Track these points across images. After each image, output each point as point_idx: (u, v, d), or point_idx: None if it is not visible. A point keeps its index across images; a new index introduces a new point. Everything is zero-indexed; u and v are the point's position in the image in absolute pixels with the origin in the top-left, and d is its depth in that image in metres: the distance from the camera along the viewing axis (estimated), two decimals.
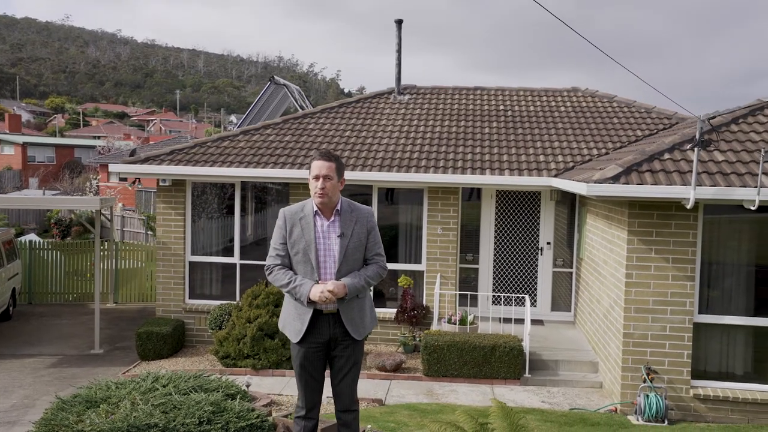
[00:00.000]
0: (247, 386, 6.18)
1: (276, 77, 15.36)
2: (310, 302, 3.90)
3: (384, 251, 4.22)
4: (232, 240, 11.75)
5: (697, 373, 8.19)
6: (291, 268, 4.08)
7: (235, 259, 11.70)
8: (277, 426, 4.64)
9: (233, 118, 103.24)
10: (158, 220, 11.68)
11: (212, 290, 11.86)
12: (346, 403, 4.09)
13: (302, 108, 15.30)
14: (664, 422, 7.88)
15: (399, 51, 13.86)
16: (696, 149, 7.34)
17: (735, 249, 8.16)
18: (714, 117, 8.25)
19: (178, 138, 46.16)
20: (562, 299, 11.74)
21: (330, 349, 4.04)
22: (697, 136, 7.35)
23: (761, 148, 8.22)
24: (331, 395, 4.20)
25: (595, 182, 7.65)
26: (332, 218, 4.06)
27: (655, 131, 12.09)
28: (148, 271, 15.85)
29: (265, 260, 4.09)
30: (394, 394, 8.85)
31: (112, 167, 11.57)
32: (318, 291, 3.87)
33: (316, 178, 3.99)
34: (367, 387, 9.08)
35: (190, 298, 11.82)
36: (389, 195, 11.61)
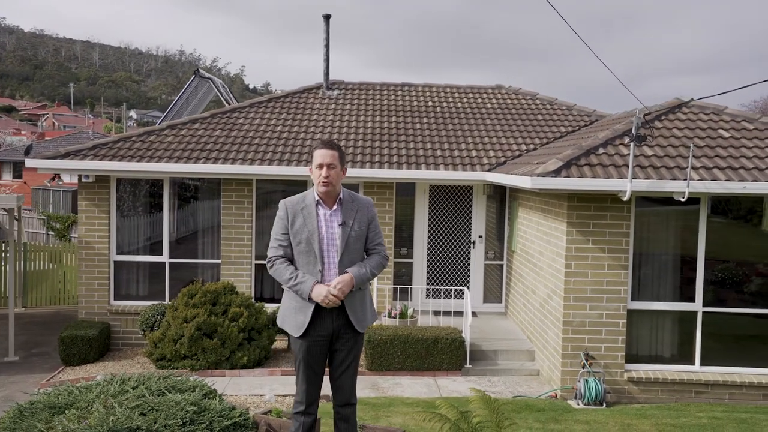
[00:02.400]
0: None
1: (201, 71, 14.92)
2: (311, 299, 3.84)
3: (384, 241, 4.21)
4: (160, 238, 11.33)
5: (630, 357, 8.64)
6: (292, 258, 4.00)
7: (164, 257, 11.30)
8: (259, 423, 4.53)
9: (133, 113, 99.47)
10: (81, 218, 11.10)
11: (140, 290, 11.40)
12: (346, 397, 4.05)
13: (228, 102, 14.94)
14: (602, 405, 8.25)
15: (327, 46, 13.78)
16: (633, 144, 7.72)
17: (662, 239, 8.65)
18: (650, 113, 8.71)
19: (77, 134, 43.88)
20: (493, 291, 12.06)
21: (332, 342, 3.99)
22: (634, 132, 7.73)
23: (685, 143, 8.77)
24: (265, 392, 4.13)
25: (538, 176, 7.91)
26: (334, 207, 4.02)
27: (578, 127, 12.62)
28: (60, 273, 15.02)
29: (197, 258, 4.00)
30: None
31: (30, 162, 10.89)
32: (322, 293, 3.81)
33: (320, 166, 3.94)
34: None
35: (115, 299, 11.31)
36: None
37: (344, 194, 4.07)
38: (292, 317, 3.96)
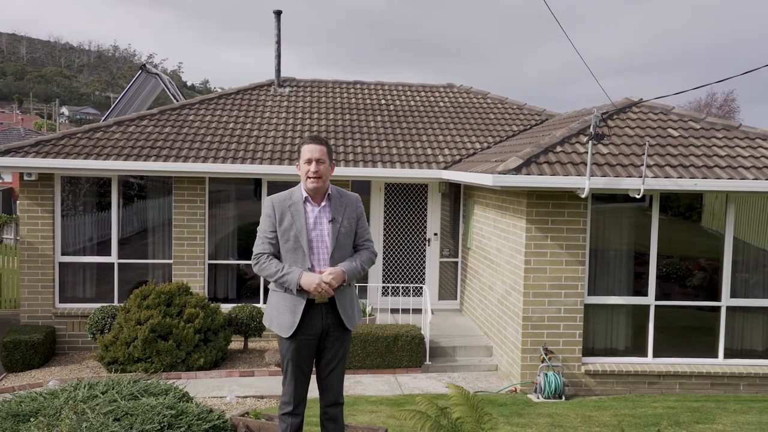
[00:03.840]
0: None
1: (147, 66, 14.49)
2: (300, 291, 3.74)
3: (371, 236, 4.16)
4: (108, 238, 10.96)
5: (587, 351, 8.83)
6: (278, 256, 3.91)
7: (113, 258, 10.93)
8: (237, 426, 4.41)
9: (65, 110, 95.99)
10: (23, 218, 10.63)
11: (86, 292, 11.00)
12: (334, 397, 3.99)
13: (176, 99, 14.56)
14: (561, 398, 8.41)
15: (278, 42, 13.61)
16: (591, 142, 7.88)
17: (616, 236, 8.87)
18: (607, 113, 8.91)
19: (7, 130, 42.08)
20: (448, 288, 12.14)
21: (320, 341, 3.91)
22: (592, 130, 7.90)
23: (637, 142, 9.02)
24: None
25: (499, 173, 7.99)
26: (323, 203, 3.94)
27: (529, 126, 12.82)
28: None
29: (147, 258, 3.88)
30: None
31: None
32: (314, 282, 3.70)
33: (309, 161, 3.86)
34: (271, 384, 8.87)
35: (61, 302, 10.89)
36: (257, 191, 11.32)
37: (332, 190, 4.00)
38: (280, 317, 3.86)
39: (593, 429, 7.06)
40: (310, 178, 3.85)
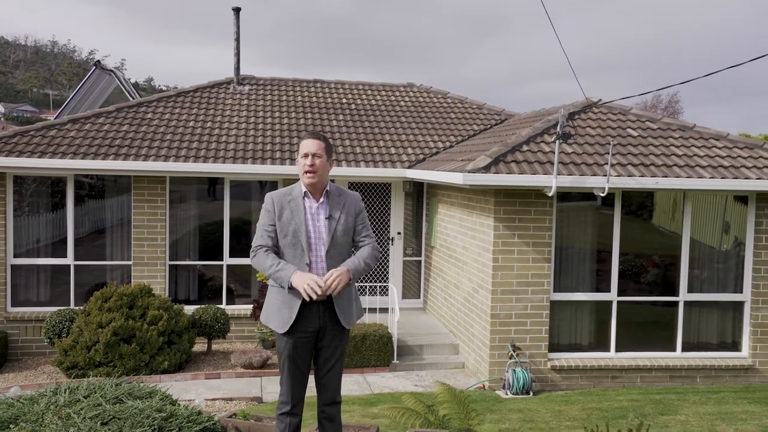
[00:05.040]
0: None
1: (102, 62, 14.07)
2: (292, 288, 3.68)
3: (372, 233, 4.10)
4: (64, 239, 10.62)
5: (553, 347, 8.99)
6: (277, 250, 3.86)
7: (69, 260, 10.60)
8: (227, 427, 4.33)
9: (0, 107, 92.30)
10: None
11: (41, 295, 10.64)
12: (332, 396, 3.95)
13: (131, 96, 14.20)
14: (529, 394, 8.54)
15: (237, 40, 13.42)
16: (558, 141, 8.04)
17: (580, 233, 9.06)
18: (573, 112, 9.09)
19: None
20: (412, 287, 12.19)
21: (317, 339, 3.87)
22: (559, 129, 8.05)
23: (599, 141, 9.23)
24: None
25: (469, 172, 8.07)
26: (321, 200, 3.91)
27: (489, 126, 12.99)
28: None
29: (105, 259, 3.79)
30: (270, 391, 8.61)
31: None
32: (304, 282, 3.61)
33: (305, 156, 3.83)
34: (239, 386, 8.75)
35: (13, 306, 10.50)
36: (211, 191, 11.17)
37: (331, 188, 3.98)
38: (277, 313, 3.81)
39: (564, 423, 7.20)
40: (306, 172, 3.83)
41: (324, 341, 3.87)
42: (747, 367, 9.16)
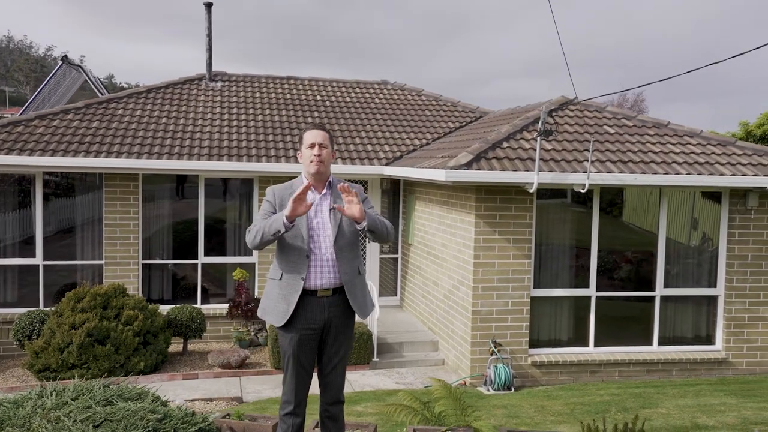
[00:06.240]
0: None
1: (69, 57, 13.71)
2: (289, 227, 3.54)
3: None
4: (32, 238, 10.31)
5: (533, 342, 9.03)
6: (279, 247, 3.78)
7: (38, 260, 10.30)
8: (222, 428, 4.21)
9: None
10: None
11: (8, 296, 10.31)
12: (336, 395, 3.88)
13: (100, 92, 13.87)
14: (510, 390, 8.56)
15: (209, 36, 13.21)
16: (539, 138, 8.06)
17: (559, 230, 9.12)
18: (551, 110, 9.13)
19: None
20: (388, 285, 12.14)
21: (322, 335, 3.79)
22: (541, 126, 8.08)
23: (578, 138, 9.30)
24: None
25: (452, 168, 8.05)
26: (324, 191, 3.84)
27: (464, 123, 13.00)
28: None
29: (76, 259, 3.63)
30: (249, 391, 8.48)
31: None
32: (290, 201, 3.51)
33: (312, 146, 3.77)
34: (218, 386, 8.60)
35: None
36: (180, 189, 10.96)
37: (334, 179, 3.92)
38: (274, 305, 3.73)
39: (549, 418, 7.22)
40: (313, 161, 3.76)
41: (329, 338, 3.79)
42: (721, 360, 9.32)
